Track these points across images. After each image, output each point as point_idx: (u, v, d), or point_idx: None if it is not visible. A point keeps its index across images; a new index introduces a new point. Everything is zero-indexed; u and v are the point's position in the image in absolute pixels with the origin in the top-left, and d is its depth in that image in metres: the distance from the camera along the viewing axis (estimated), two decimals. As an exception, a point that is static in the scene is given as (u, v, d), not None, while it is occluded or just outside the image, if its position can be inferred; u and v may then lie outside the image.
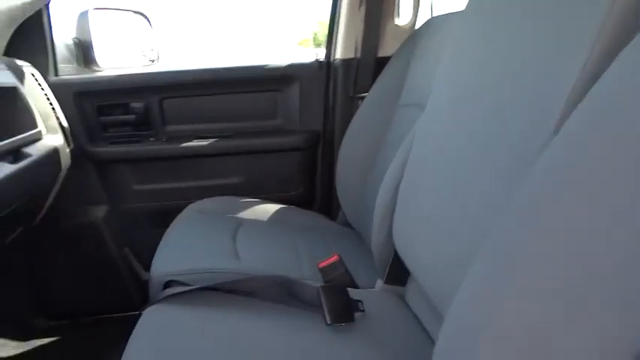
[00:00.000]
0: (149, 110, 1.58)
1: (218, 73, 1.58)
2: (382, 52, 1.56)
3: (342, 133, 1.56)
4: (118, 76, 1.54)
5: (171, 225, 1.35)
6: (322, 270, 1.05)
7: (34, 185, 1.17)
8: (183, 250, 1.17)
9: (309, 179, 1.71)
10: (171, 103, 1.60)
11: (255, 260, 1.14)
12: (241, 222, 1.39)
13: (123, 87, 1.54)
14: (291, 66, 1.60)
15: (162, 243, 1.24)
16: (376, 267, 1.09)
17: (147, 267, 1.73)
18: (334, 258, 1.06)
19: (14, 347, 1.50)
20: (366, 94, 1.50)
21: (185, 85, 1.57)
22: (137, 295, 1.67)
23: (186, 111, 1.61)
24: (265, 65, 1.60)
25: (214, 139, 1.60)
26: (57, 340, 1.57)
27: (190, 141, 1.59)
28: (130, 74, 1.55)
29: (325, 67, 1.61)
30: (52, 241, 1.57)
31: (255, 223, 1.41)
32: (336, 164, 1.54)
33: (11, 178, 1.04)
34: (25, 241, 1.52)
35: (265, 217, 1.47)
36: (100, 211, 1.61)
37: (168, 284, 0.98)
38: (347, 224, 1.53)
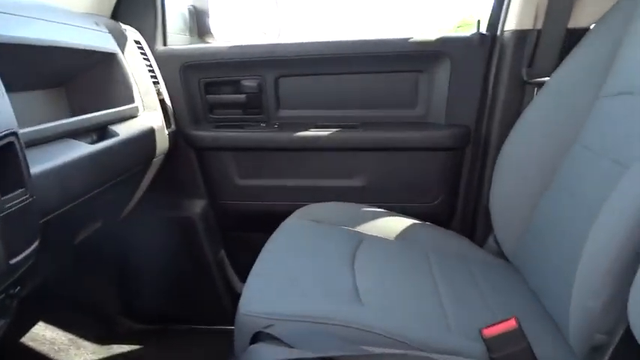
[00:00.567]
0: (262, 90, 1.32)
1: (346, 47, 1.26)
2: (575, 22, 1.12)
3: (504, 132, 1.15)
4: (230, 47, 1.29)
5: (276, 232, 1.06)
6: (489, 340, 0.68)
7: (115, 172, 0.95)
8: (284, 272, 0.87)
9: (451, 188, 1.32)
10: (288, 83, 1.32)
11: (383, 308, 0.79)
12: (362, 239, 1.06)
13: (235, 60, 1.29)
14: (441, 40, 1.23)
15: (261, 256, 0.95)
16: (572, 340, 0.70)
17: (242, 276, 1.51)
18: (510, 324, 0.68)
19: (92, 351, 1.33)
20: (546, 78, 1.08)
21: (306, 60, 1.28)
22: (230, 307, 1.43)
23: (305, 93, 1.32)
24: (406, 38, 1.24)
25: (336, 130, 1.28)
26: (139, 346, 1.39)
27: (307, 130, 1.29)
28: (244, 45, 1.29)
29: (489, 41, 1.21)
30: (142, 236, 1.38)
31: (379, 242, 1.07)
32: (493, 173, 1.14)
33: (85, 161, 0.82)
34: (114, 233, 1.35)
35: (393, 234, 1.12)
36: (197, 206, 1.39)
37: (257, 336, 0.68)
38: (499, 253, 1.13)
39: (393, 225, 1.16)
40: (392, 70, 1.28)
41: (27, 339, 1.32)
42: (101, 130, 0.97)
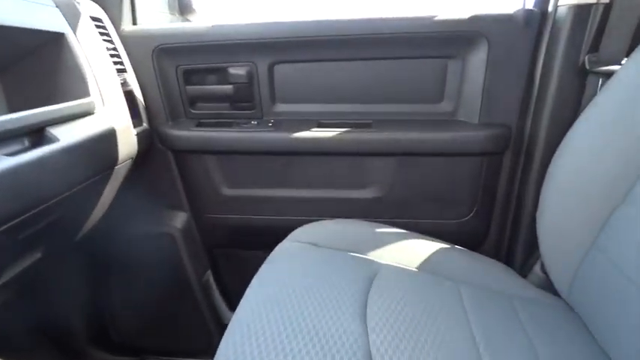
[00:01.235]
0: (254, 79, 1.07)
1: (357, 27, 1.01)
2: (654, -6, 0.86)
3: (554, 135, 0.92)
4: (214, 26, 1.04)
5: (266, 263, 0.84)
6: None
7: (51, 191, 0.72)
8: (271, 330, 0.64)
9: (485, 203, 1.08)
10: (285, 71, 1.07)
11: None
12: (377, 271, 0.83)
13: (220, 43, 1.04)
14: (477, 18, 0.98)
15: (245, 299, 0.73)
16: None
17: (231, 302, 1.28)
18: None
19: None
20: (616, 67, 0.84)
21: (308, 43, 1.03)
22: (217, 338, 1.21)
23: (306, 83, 1.08)
24: (432, 16, 0.99)
25: (344, 130, 1.04)
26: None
27: (309, 129, 1.05)
28: (231, 25, 1.04)
29: (537, 19, 0.96)
30: (114, 255, 1.15)
31: (399, 275, 0.84)
32: (542, 187, 0.90)
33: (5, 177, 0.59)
34: (81, 251, 1.12)
35: (415, 261, 0.89)
36: (177, 220, 1.16)
37: None
38: (548, 286, 0.90)
39: (416, 249, 0.93)
40: (414, 56, 1.03)
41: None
42: (35, 134, 0.73)
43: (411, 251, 0.93)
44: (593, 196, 0.77)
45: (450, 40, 1.00)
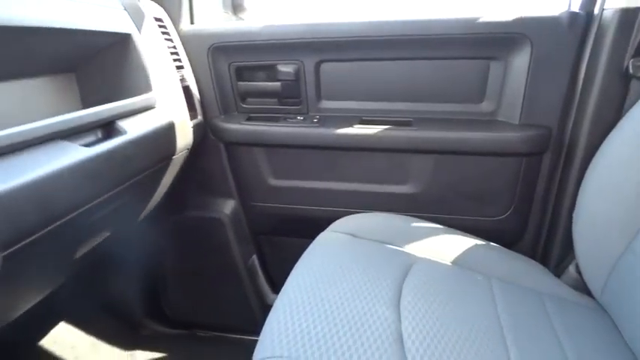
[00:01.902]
0: (301, 77, 1.13)
1: (402, 28, 1.05)
2: None
3: (596, 138, 0.93)
4: (265, 26, 1.11)
5: (307, 251, 0.90)
6: None
7: (121, 177, 0.81)
8: (311, 311, 0.70)
9: (522, 202, 1.10)
10: (331, 69, 1.13)
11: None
12: (412, 263, 0.88)
13: (269, 42, 1.11)
14: (521, 20, 1.00)
15: (287, 284, 0.79)
16: None
17: (274, 285, 1.36)
18: None
19: (113, 357, 1.23)
20: (661, 72, 0.84)
21: (353, 43, 1.08)
22: (260, 317, 1.29)
23: (350, 81, 1.13)
24: (475, 18, 1.02)
25: (385, 127, 1.09)
26: (163, 354, 1.28)
27: (352, 126, 1.10)
28: (281, 25, 1.10)
29: (583, 22, 0.97)
30: (169, 236, 1.25)
31: (434, 268, 0.88)
32: (580, 189, 0.91)
33: (76, 170, 0.67)
34: (138, 232, 1.23)
35: (449, 256, 0.93)
36: (226, 207, 1.24)
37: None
38: (582, 287, 0.92)
39: (451, 244, 0.97)
40: (457, 57, 1.06)
41: (47, 341, 1.24)
42: (107, 127, 0.82)
43: (446, 246, 0.96)
44: (630, 200, 0.78)
45: (494, 41, 1.02)
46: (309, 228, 1.01)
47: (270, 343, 0.64)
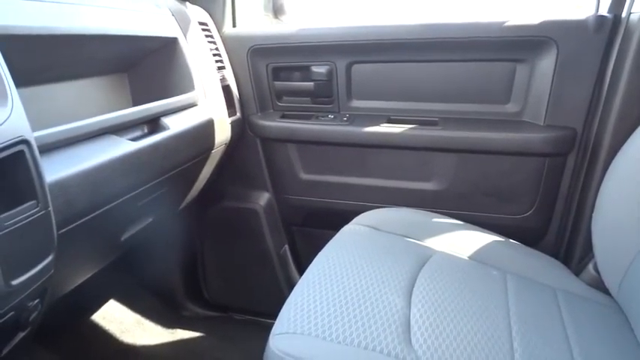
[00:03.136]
0: (333, 77, 1.19)
1: (430, 31, 1.09)
2: None
3: (620, 139, 0.93)
4: (300, 29, 1.18)
5: (332, 241, 0.96)
6: None
7: (163, 169, 0.90)
8: (327, 296, 0.76)
9: (546, 202, 1.12)
10: (362, 71, 1.18)
11: (435, 352, 0.66)
12: (430, 255, 0.92)
13: (304, 44, 1.18)
14: (548, 23, 1.02)
15: (309, 270, 0.86)
16: None
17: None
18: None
19: (156, 334, 1.35)
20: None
21: (383, 45, 1.13)
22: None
23: (379, 83, 1.18)
24: (503, 21, 1.04)
25: (413, 126, 1.13)
26: (201, 334, 1.38)
27: (380, 124, 1.16)
28: (315, 28, 1.17)
29: (609, 25, 0.98)
30: (208, 224, 1.35)
31: (450, 261, 0.92)
32: (600, 188, 0.93)
33: (123, 161, 0.77)
34: (179, 221, 1.33)
35: (468, 250, 0.97)
36: (261, 199, 1.32)
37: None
38: (600, 285, 0.93)
39: (470, 240, 1.01)
40: (484, 59, 1.09)
41: (97, 316, 1.37)
42: (152, 123, 0.92)
43: (465, 241, 1.00)
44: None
45: (520, 44, 1.05)
46: (337, 220, 1.07)
47: (287, 321, 0.71)
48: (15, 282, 0.53)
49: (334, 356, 0.64)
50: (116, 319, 1.38)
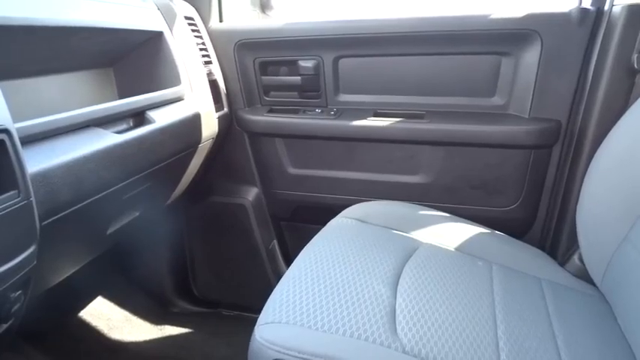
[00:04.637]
0: (320, 71, 1.20)
1: (416, 25, 1.10)
2: None
3: (603, 130, 0.94)
4: (286, 24, 1.18)
5: (318, 234, 0.96)
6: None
7: (149, 162, 0.90)
8: (313, 287, 0.76)
9: (531, 194, 1.13)
10: (348, 65, 1.18)
11: (420, 339, 0.67)
12: (417, 247, 0.93)
13: (291, 38, 1.18)
14: (532, 16, 1.02)
15: (296, 262, 0.86)
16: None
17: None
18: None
19: (145, 331, 1.34)
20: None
21: (369, 39, 1.13)
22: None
23: (366, 77, 1.18)
24: (487, 15, 1.05)
25: (399, 120, 1.14)
26: (190, 330, 1.38)
27: (366, 118, 1.16)
28: (301, 22, 1.17)
29: (592, 18, 0.99)
30: (195, 219, 1.35)
31: (436, 252, 0.93)
32: (583, 180, 0.94)
33: (107, 153, 0.76)
34: (167, 216, 1.33)
35: (454, 242, 0.98)
36: (249, 194, 1.32)
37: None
38: (584, 275, 0.94)
39: (457, 232, 1.01)
40: (469, 52, 1.10)
41: (85, 313, 1.36)
42: (137, 116, 0.92)
43: (451, 233, 1.01)
44: (628, 192, 0.81)
45: (504, 37, 1.06)
46: (325, 215, 1.07)
47: (272, 311, 0.71)
48: (-4, 271, 0.53)
49: (320, 344, 0.64)
50: (104, 315, 1.37)
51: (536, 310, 0.81)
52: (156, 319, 1.41)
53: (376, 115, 1.16)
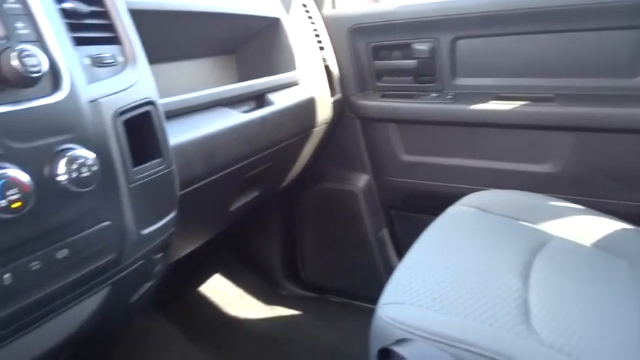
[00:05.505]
0: (436, 54, 1.15)
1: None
2: None
3: None
4: (400, 6, 1.15)
5: (436, 221, 0.92)
6: None
7: (269, 142, 0.92)
8: (437, 271, 0.73)
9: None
10: (467, 46, 1.13)
11: (559, 335, 0.61)
12: (546, 240, 0.85)
13: (405, 20, 1.15)
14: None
15: (415, 246, 0.83)
16: None
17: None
18: None
19: (257, 309, 1.39)
20: None
21: (490, 18, 1.07)
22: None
23: (486, 58, 1.12)
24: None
25: (523, 103, 1.06)
26: (299, 312, 1.41)
27: (487, 102, 1.10)
28: (416, 4, 1.14)
29: None
30: (306, 204, 1.37)
31: (569, 247, 0.85)
32: None
33: (234, 131, 0.80)
34: (280, 201, 1.36)
35: (589, 238, 0.88)
36: (360, 181, 1.31)
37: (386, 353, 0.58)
38: None
39: (591, 226, 0.91)
40: (606, 27, 0.98)
41: (204, 288, 1.45)
42: (259, 99, 0.95)
43: (585, 227, 0.91)
44: None
45: None
46: (439, 204, 1.03)
47: (394, 293, 0.69)
48: (144, 232, 0.57)
49: (450, 327, 0.60)
50: (220, 291, 1.45)
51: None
52: (267, 299, 1.46)
53: (498, 98, 1.09)
